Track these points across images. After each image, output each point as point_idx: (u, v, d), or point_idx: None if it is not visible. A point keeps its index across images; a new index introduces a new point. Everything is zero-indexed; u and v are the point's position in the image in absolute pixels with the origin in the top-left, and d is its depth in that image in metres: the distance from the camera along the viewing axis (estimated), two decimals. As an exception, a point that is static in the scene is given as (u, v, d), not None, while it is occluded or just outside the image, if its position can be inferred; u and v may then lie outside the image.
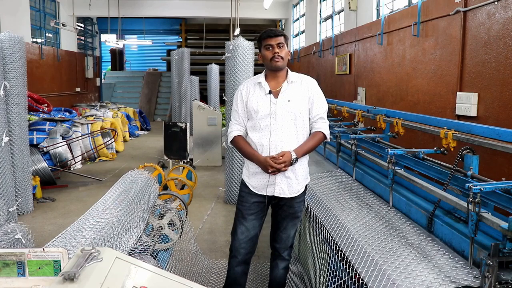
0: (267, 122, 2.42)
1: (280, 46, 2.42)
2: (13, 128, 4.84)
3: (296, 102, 2.44)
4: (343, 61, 8.44)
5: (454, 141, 2.49)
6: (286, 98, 2.43)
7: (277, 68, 2.45)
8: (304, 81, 2.52)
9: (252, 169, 2.50)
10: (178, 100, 11.21)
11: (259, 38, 2.49)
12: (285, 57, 2.45)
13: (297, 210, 2.55)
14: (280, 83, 2.48)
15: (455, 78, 4.62)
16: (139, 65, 21.65)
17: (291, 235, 2.61)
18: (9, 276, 1.32)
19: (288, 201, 2.51)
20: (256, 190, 2.50)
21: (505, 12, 3.86)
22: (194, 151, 7.95)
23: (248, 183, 2.53)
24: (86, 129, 8.43)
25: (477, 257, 1.69)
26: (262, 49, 2.48)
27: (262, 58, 2.49)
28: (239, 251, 2.56)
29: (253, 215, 2.53)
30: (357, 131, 3.57)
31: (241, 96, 2.54)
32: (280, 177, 2.43)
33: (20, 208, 5.01)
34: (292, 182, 2.46)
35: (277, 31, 2.45)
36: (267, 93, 2.45)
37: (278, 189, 2.45)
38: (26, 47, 6.31)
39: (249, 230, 2.53)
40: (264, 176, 2.45)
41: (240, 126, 2.55)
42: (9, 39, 4.74)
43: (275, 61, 2.41)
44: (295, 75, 2.53)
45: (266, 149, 2.41)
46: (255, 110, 2.45)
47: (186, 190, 3.96)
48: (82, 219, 2.35)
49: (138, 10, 14.08)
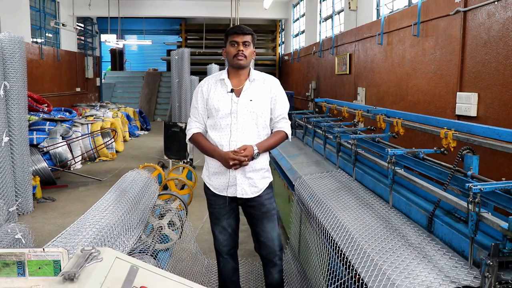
0: (227, 121, 2.39)
1: (246, 45, 2.40)
2: (13, 128, 4.84)
3: (258, 102, 2.41)
4: (343, 61, 8.44)
5: (454, 141, 2.49)
6: (248, 98, 2.40)
7: (239, 66, 2.41)
8: (267, 81, 2.49)
9: (212, 168, 2.48)
10: (178, 100, 11.20)
11: (226, 33, 2.46)
12: (249, 56, 2.42)
13: (268, 208, 2.51)
14: (242, 81, 2.44)
15: (455, 78, 4.62)
16: (139, 65, 21.65)
17: (274, 237, 2.54)
18: (9, 276, 1.32)
19: (256, 200, 2.47)
20: (217, 191, 2.48)
21: (505, 12, 3.86)
22: (194, 151, 7.93)
23: (208, 184, 2.52)
24: (86, 129, 8.43)
25: (477, 257, 1.69)
26: (227, 44, 2.44)
27: (226, 54, 2.45)
28: (222, 249, 2.59)
29: (226, 215, 2.53)
30: (357, 131, 3.57)
31: (202, 93, 2.49)
32: (241, 177, 2.41)
33: (20, 208, 5.01)
34: (254, 182, 2.43)
35: (245, 29, 2.43)
36: (228, 91, 2.41)
37: (240, 189, 2.43)
38: (26, 47, 6.31)
39: (226, 229, 2.55)
40: (225, 176, 2.42)
41: (200, 123, 2.50)
42: (9, 39, 4.74)
43: (237, 58, 2.38)
44: (257, 73, 2.50)
45: (226, 149, 2.38)
46: (216, 109, 2.41)
47: (186, 190, 3.96)
48: (82, 219, 2.35)
49: (138, 10, 14.08)
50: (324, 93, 9.74)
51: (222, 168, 2.43)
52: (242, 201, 2.50)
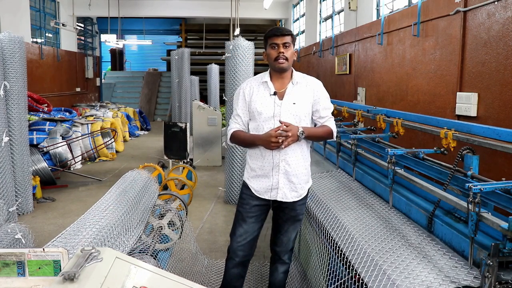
0: (270, 124, 2.35)
1: (286, 46, 2.34)
2: (13, 128, 4.84)
3: (301, 105, 2.36)
4: (343, 61, 8.44)
5: (454, 141, 2.49)
6: (291, 101, 2.35)
7: (281, 69, 2.36)
8: (310, 83, 2.44)
9: (254, 171, 2.44)
10: (178, 100, 11.20)
11: (265, 36, 2.40)
12: (290, 58, 2.36)
13: (299, 213, 2.51)
14: (285, 84, 2.40)
15: (455, 78, 4.62)
16: (139, 65, 21.65)
17: (291, 238, 2.56)
18: (9, 276, 1.32)
19: (290, 204, 2.46)
20: (258, 194, 2.44)
21: (505, 12, 3.86)
22: (194, 151, 7.95)
23: (250, 186, 2.47)
24: (86, 129, 8.43)
25: (477, 257, 1.69)
26: (267, 47, 2.38)
27: (267, 57, 2.40)
28: (236, 253, 2.50)
29: (253, 218, 2.47)
30: (357, 131, 3.57)
31: (244, 95, 2.44)
32: (284, 181, 2.38)
33: (20, 208, 5.01)
34: (295, 187, 2.41)
35: (284, 30, 2.37)
36: (271, 94, 2.37)
37: (281, 193, 2.40)
38: (26, 47, 6.31)
39: (248, 233, 2.48)
40: (267, 180, 2.40)
41: (239, 125, 2.47)
42: (9, 39, 4.74)
43: (279, 62, 2.32)
44: (300, 76, 2.45)
45: (269, 153, 2.35)
46: (259, 112, 2.37)
47: (186, 190, 3.96)
48: (82, 219, 2.35)
49: (138, 10, 14.08)
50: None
51: (265, 171, 2.39)
52: (276, 203, 2.47)
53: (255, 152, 2.43)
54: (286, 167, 2.37)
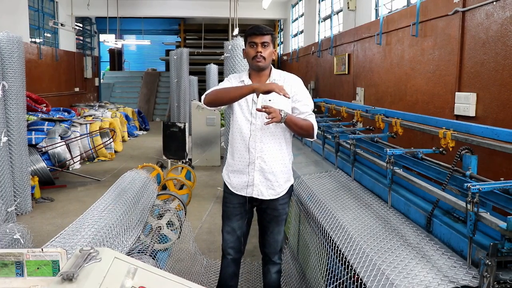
0: (248, 120, 2.40)
1: (265, 46, 2.36)
2: (11, 128, 4.83)
3: (278, 101, 2.35)
4: (342, 61, 8.45)
5: (452, 141, 2.50)
6: (267, 97, 2.35)
7: (258, 68, 2.40)
8: (288, 80, 2.45)
9: (231, 166, 2.49)
10: (177, 100, 11.19)
11: (245, 34, 2.43)
12: (268, 57, 2.39)
13: (281, 212, 2.51)
14: (263, 81, 2.42)
15: (454, 78, 4.62)
16: (137, 65, 21.62)
17: (278, 240, 2.58)
18: (8, 276, 1.32)
19: (270, 204, 2.47)
20: (235, 190, 2.48)
21: (503, 12, 3.87)
22: (193, 151, 7.94)
23: (227, 182, 2.52)
24: (85, 129, 8.43)
25: (476, 256, 1.69)
26: (246, 45, 2.42)
27: (246, 55, 2.44)
28: (227, 250, 2.56)
29: (238, 216, 2.52)
30: (355, 131, 3.58)
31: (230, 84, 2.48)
32: (259, 178, 2.40)
33: (19, 208, 5.00)
34: (272, 184, 2.43)
35: (264, 29, 2.38)
36: None
37: (257, 190, 2.42)
38: (25, 47, 6.30)
39: (236, 230, 2.53)
40: (244, 176, 2.42)
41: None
42: (7, 39, 4.73)
43: (256, 60, 2.36)
44: (278, 73, 2.47)
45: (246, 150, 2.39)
46: (236, 108, 2.44)
47: (185, 190, 3.97)
48: (81, 219, 2.35)
49: (136, 10, 14.06)
50: (323, 93, 9.75)
51: (241, 167, 2.43)
52: (257, 202, 2.49)
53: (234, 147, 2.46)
54: (262, 164, 2.40)
